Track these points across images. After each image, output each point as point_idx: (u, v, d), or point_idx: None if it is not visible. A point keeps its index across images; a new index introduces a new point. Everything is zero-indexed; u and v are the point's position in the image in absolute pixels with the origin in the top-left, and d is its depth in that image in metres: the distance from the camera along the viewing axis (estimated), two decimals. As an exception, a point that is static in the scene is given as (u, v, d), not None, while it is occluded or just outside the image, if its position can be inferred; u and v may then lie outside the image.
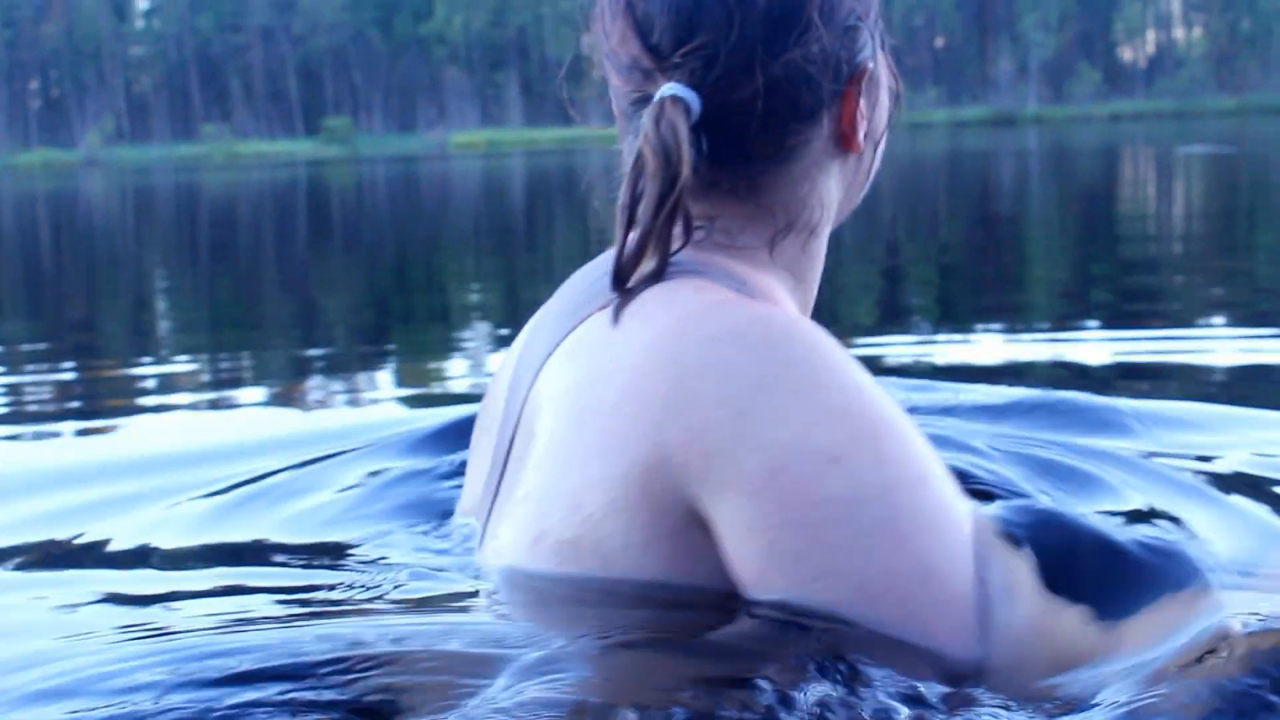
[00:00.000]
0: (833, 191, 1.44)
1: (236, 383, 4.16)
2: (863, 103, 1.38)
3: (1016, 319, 4.95)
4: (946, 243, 8.97)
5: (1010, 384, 2.70)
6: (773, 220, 1.38)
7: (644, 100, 1.34)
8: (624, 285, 1.28)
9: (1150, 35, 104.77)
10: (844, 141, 1.39)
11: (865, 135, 1.41)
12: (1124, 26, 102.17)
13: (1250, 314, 4.74)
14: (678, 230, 1.28)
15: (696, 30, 1.29)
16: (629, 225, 1.30)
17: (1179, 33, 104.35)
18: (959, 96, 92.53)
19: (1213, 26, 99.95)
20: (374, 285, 7.79)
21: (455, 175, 31.81)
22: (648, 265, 1.28)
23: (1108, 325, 4.67)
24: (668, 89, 1.29)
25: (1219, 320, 4.67)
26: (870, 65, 1.39)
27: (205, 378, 4.22)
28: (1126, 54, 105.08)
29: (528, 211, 15.89)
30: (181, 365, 4.50)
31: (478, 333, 5.33)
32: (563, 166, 31.19)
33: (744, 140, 1.34)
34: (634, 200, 1.30)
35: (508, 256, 9.41)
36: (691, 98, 1.29)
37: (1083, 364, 3.78)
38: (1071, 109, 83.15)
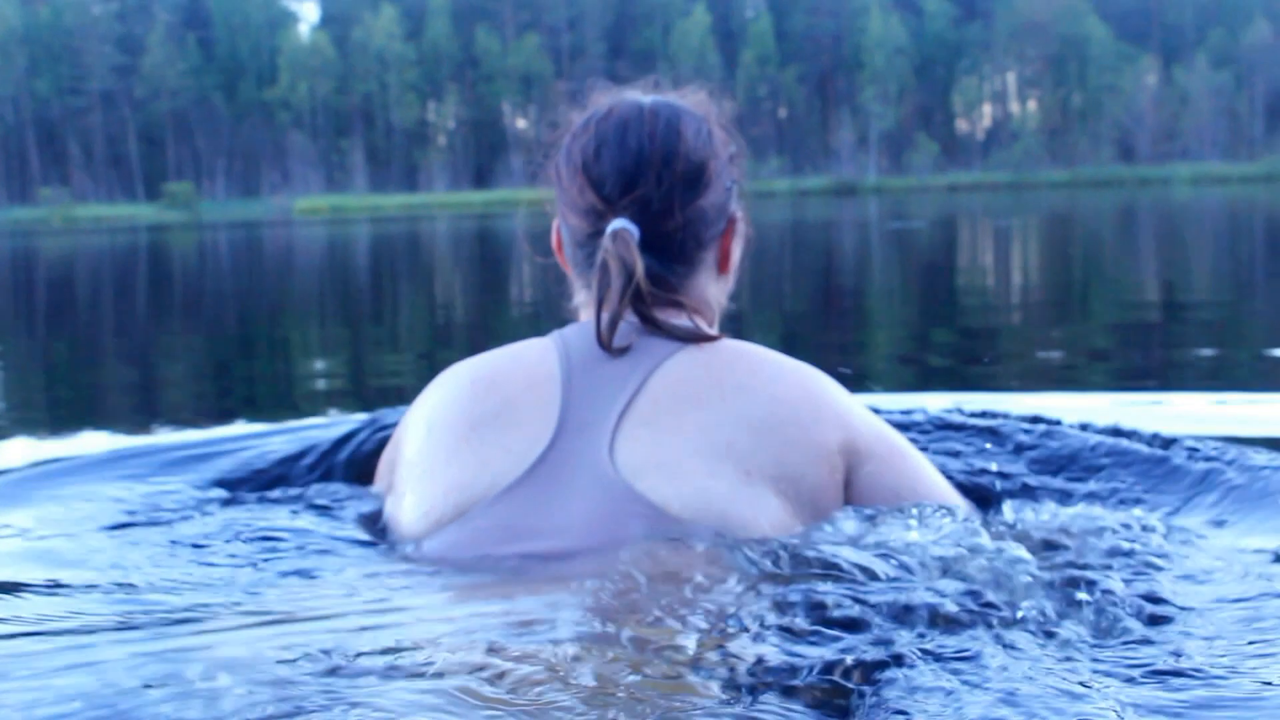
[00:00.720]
0: (717, 299, 2.03)
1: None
2: (733, 241, 2.02)
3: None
4: (790, 310, 9.05)
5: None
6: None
7: (597, 233, 1.91)
8: (608, 347, 1.83)
9: (986, 109, 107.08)
10: (722, 265, 2.02)
11: (733, 264, 2.04)
12: (961, 100, 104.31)
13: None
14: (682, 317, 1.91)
15: (636, 185, 1.90)
16: (600, 308, 1.83)
17: (1014, 107, 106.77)
18: (801, 166, 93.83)
19: (1046, 101, 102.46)
20: (214, 353, 7.65)
21: (299, 241, 31.45)
22: (622, 335, 1.84)
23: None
24: (618, 223, 1.88)
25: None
26: (739, 215, 2.03)
27: (35, 453, 4.11)
28: (964, 126, 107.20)
29: (372, 278, 15.77)
30: (10, 440, 4.36)
31: (319, 401, 5.26)
32: (407, 233, 31.07)
33: (668, 258, 1.92)
34: (602, 295, 1.83)
35: (350, 324, 9.32)
36: (634, 228, 1.88)
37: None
38: (910, 180, 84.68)
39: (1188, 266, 12.42)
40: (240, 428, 3.30)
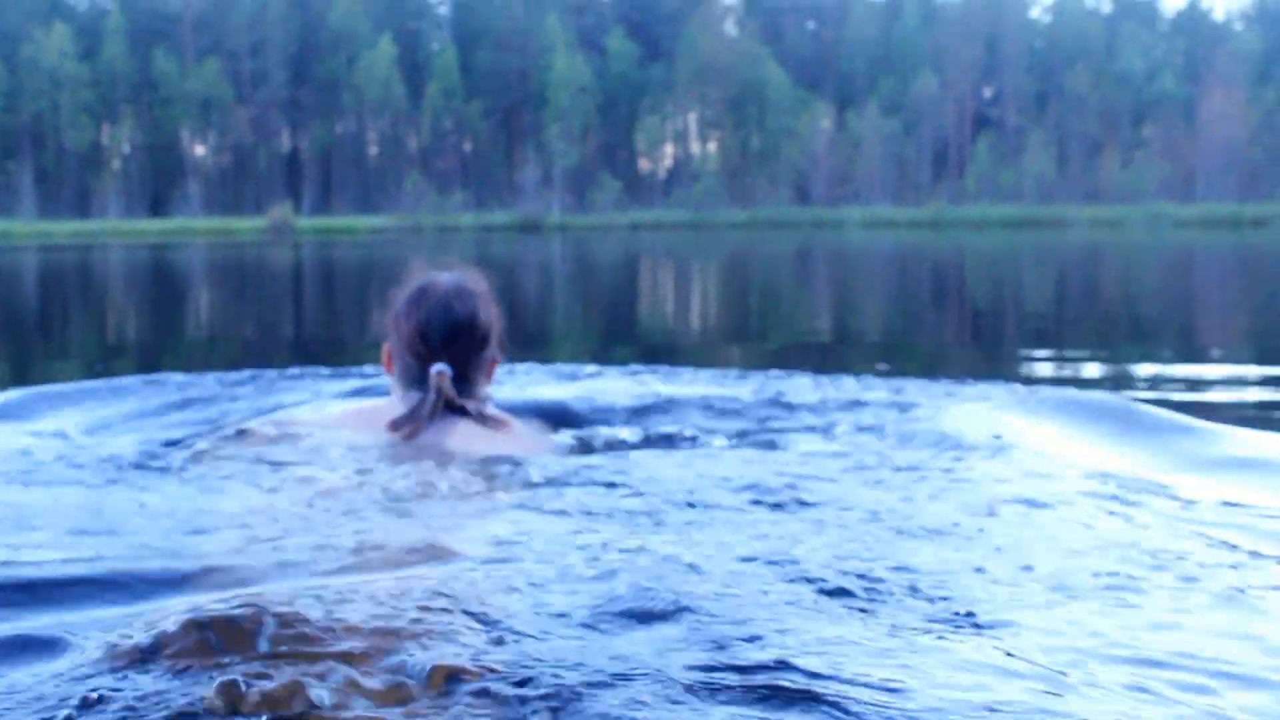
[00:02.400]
0: (487, 394, 3.33)
1: None
2: (494, 369, 3.35)
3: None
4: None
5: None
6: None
7: (424, 367, 3.14)
8: (411, 436, 3.05)
9: (668, 149, 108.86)
10: (488, 380, 3.33)
11: (493, 378, 3.39)
12: (644, 139, 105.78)
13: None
14: (476, 403, 3.19)
15: (452, 344, 3.15)
16: (433, 410, 3.06)
17: (695, 147, 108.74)
18: (486, 201, 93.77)
19: (725, 143, 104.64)
20: None
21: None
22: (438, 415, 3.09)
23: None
24: (439, 365, 3.11)
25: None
26: (499, 358, 3.33)
27: None
28: (646, 165, 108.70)
29: (40, 308, 15.08)
30: None
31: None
32: (78, 262, 29.95)
33: (464, 381, 3.18)
34: (425, 401, 3.08)
35: (19, 348, 8.85)
36: (448, 369, 3.12)
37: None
38: (594, 217, 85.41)
39: (853, 303, 12.77)
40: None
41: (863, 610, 1.86)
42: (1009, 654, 1.68)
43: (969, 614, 1.86)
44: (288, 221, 76.52)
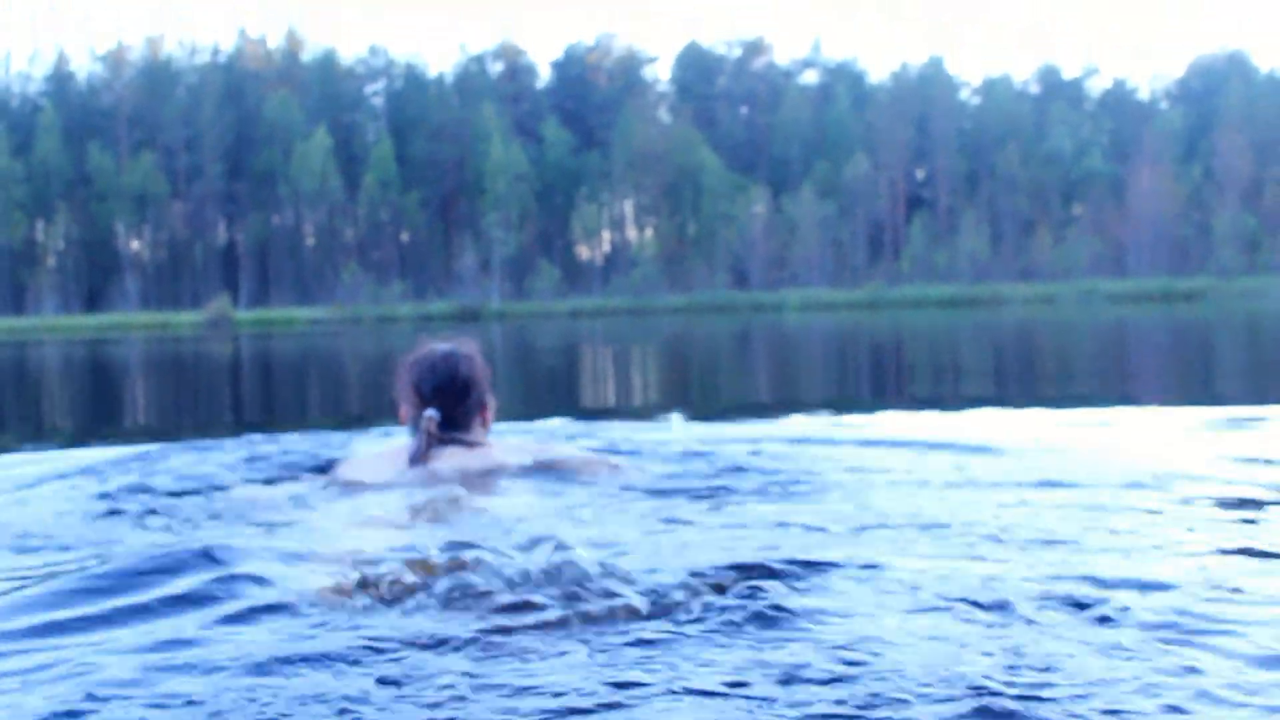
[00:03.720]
0: (484, 433, 4.36)
1: None
2: (488, 412, 4.40)
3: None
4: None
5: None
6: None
7: (419, 414, 4.19)
8: (419, 461, 4.11)
9: (606, 235, 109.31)
10: (485, 424, 4.38)
11: (489, 421, 4.43)
12: (581, 227, 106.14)
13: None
14: (474, 435, 4.30)
15: (440, 394, 4.22)
16: (426, 446, 4.11)
17: (632, 234, 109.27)
18: (424, 291, 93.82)
19: (662, 229, 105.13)
20: None
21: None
22: (449, 447, 4.19)
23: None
24: (430, 412, 4.16)
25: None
26: (490, 401, 4.39)
27: None
28: (584, 253, 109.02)
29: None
30: None
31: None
32: (13, 358, 29.75)
33: (453, 423, 4.22)
34: (427, 441, 4.11)
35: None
36: (437, 414, 4.17)
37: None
38: (534, 304, 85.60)
39: (789, 375, 12.91)
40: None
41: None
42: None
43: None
44: (226, 314, 76.35)
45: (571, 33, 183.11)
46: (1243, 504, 3.62)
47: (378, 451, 4.52)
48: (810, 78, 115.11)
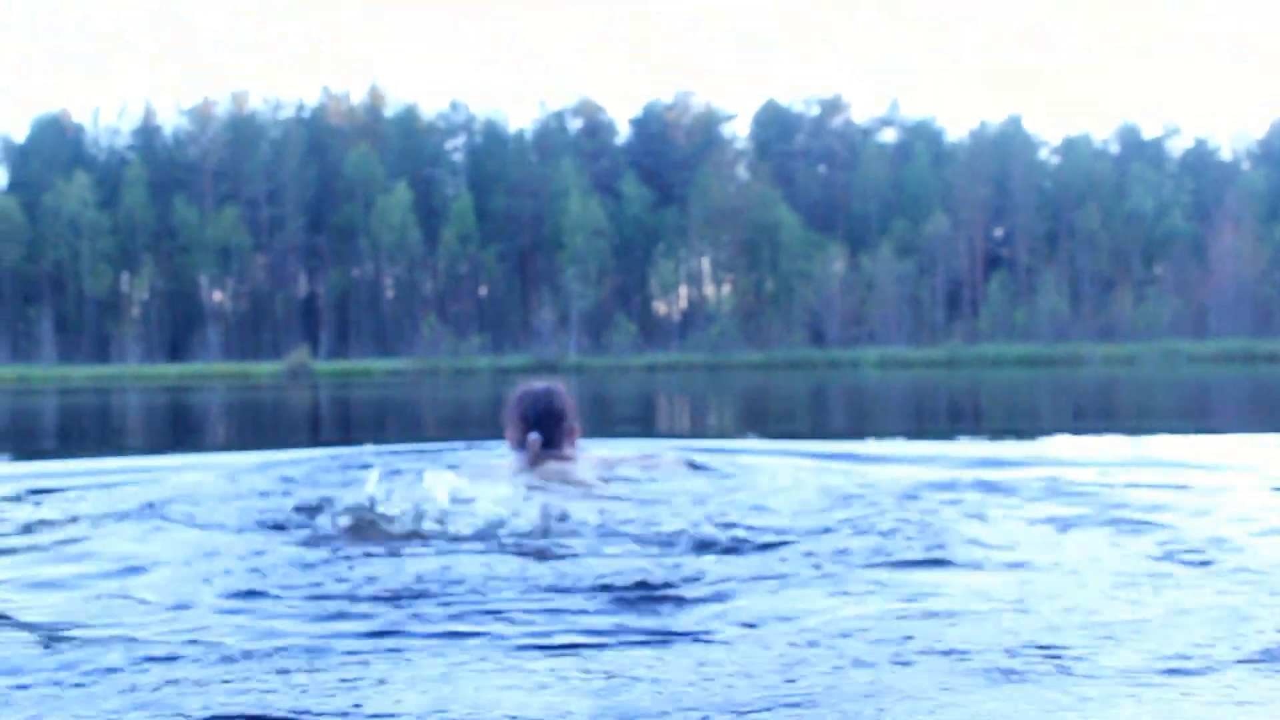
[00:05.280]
0: (572, 449, 5.54)
1: None
2: (575, 435, 5.54)
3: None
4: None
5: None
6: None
7: (524, 435, 5.35)
8: (538, 464, 5.28)
9: (683, 291, 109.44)
10: (572, 442, 5.50)
11: (576, 440, 5.56)
12: (659, 282, 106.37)
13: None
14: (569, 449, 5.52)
15: (542, 422, 5.36)
16: (533, 458, 5.27)
17: (709, 290, 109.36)
18: (502, 345, 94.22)
19: (740, 285, 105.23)
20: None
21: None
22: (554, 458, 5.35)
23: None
24: (534, 435, 5.29)
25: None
26: (575, 427, 5.53)
27: None
28: (661, 308, 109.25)
29: (59, 448, 15.18)
30: None
31: None
32: (98, 405, 30.10)
33: (551, 443, 5.35)
34: (529, 455, 5.28)
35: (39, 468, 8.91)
36: (539, 438, 5.30)
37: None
38: (610, 359, 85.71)
39: (870, 420, 12.86)
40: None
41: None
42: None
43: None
44: (305, 365, 76.95)
45: (650, 90, 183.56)
46: None
47: (493, 463, 5.79)
48: (888, 136, 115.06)
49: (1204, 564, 3.29)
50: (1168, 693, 2.17)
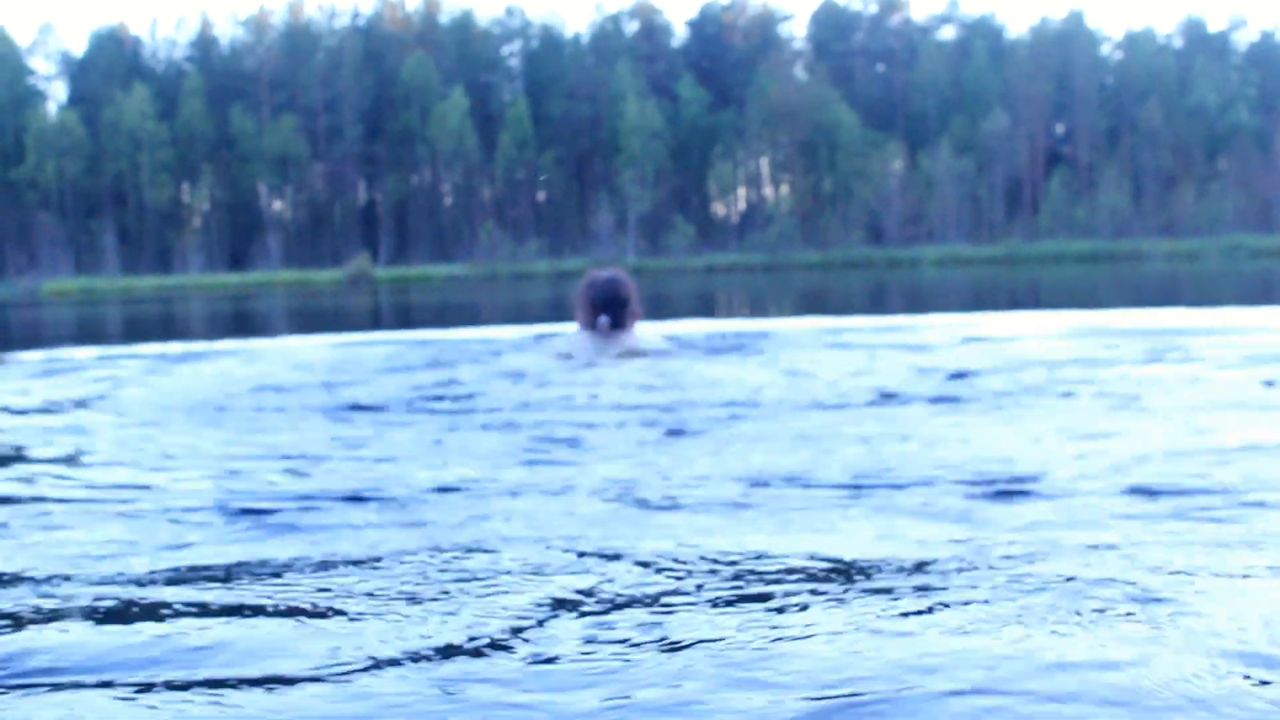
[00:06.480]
0: (635, 326, 6.69)
1: None
2: (638, 317, 6.70)
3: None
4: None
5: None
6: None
7: (593, 319, 6.49)
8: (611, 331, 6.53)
9: (741, 193, 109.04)
10: (634, 320, 6.62)
11: (637, 319, 6.70)
12: (717, 184, 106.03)
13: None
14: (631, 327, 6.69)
15: (611, 304, 6.50)
16: (603, 336, 6.45)
17: (768, 191, 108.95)
18: (560, 249, 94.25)
19: (798, 185, 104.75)
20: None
21: (47, 322, 30.57)
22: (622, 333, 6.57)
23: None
24: (603, 318, 6.47)
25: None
26: (639, 313, 6.64)
27: None
28: (719, 210, 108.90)
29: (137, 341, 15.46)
30: None
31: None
32: (160, 315, 30.46)
33: (617, 323, 6.51)
34: (601, 334, 6.48)
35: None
36: (608, 320, 6.48)
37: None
38: (668, 261, 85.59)
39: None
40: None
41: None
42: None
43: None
44: (365, 272, 77.24)
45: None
46: None
47: (567, 342, 6.61)
48: (947, 33, 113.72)
49: None
50: None
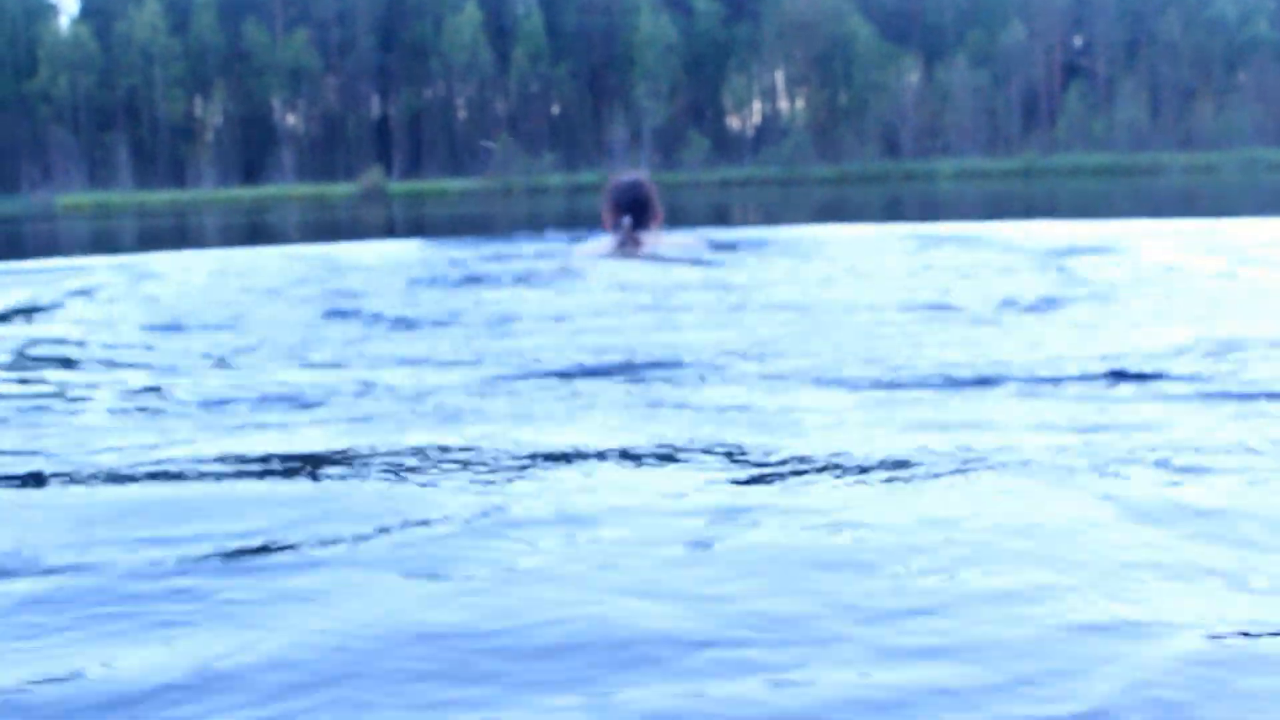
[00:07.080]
0: (659, 226, 7.08)
1: None
2: (660, 218, 7.04)
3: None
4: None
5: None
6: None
7: (618, 220, 6.74)
8: (623, 247, 6.69)
9: (756, 106, 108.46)
10: (657, 222, 6.98)
11: (660, 220, 7.06)
12: (731, 97, 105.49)
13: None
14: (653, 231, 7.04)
15: (632, 207, 6.80)
16: (626, 237, 6.66)
17: (783, 104, 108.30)
18: (575, 162, 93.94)
19: (813, 99, 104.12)
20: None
21: (63, 237, 30.60)
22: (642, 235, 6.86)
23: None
24: (626, 219, 6.67)
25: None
26: (659, 211, 7.01)
27: None
28: (734, 123, 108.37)
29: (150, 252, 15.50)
30: None
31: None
32: (174, 228, 30.47)
33: (641, 224, 6.77)
34: (622, 235, 6.66)
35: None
36: (630, 221, 6.67)
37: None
38: (682, 175, 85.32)
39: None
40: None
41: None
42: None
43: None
44: (379, 185, 77.25)
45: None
46: None
47: (595, 244, 7.08)
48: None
49: None
50: None
